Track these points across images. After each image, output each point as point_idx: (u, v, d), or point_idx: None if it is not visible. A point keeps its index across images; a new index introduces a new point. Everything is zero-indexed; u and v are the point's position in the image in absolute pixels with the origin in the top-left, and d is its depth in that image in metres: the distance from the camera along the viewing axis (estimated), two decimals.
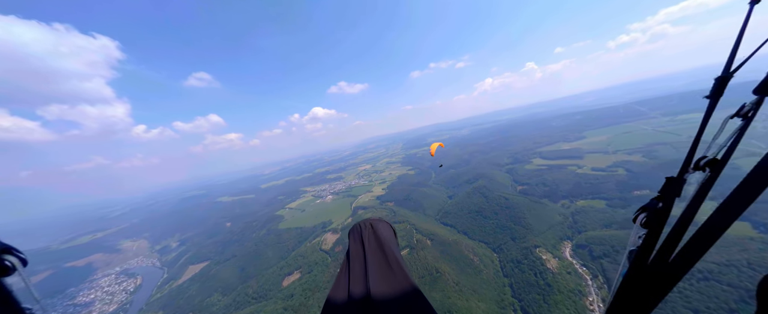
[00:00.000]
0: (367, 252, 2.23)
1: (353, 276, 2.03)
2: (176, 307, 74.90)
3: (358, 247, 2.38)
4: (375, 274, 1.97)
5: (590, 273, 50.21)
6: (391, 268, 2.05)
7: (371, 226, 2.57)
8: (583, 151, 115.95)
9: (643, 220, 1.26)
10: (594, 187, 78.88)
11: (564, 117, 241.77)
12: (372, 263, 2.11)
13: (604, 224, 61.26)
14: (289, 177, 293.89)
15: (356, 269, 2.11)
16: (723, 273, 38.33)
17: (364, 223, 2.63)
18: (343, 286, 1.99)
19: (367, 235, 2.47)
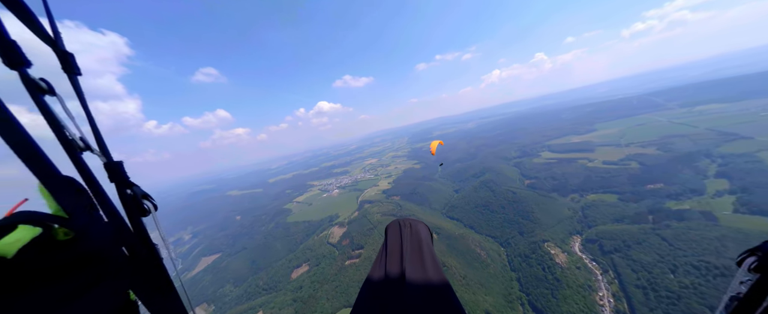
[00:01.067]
0: (404, 250, 2.24)
1: (390, 272, 2.04)
2: (191, 297, 77.51)
3: (396, 244, 2.37)
4: (412, 273, 1.98)
5: (600, 268, 49.50)
6: (426, 270, 2.06)
7: (411, 226, 2.57)
8: (593, 144, 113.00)
9: (752, 265, 1.04)
10: (605, 181, 77.04)
11: (574, 109, 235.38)
12: (409, 261, 2.12)
13: (616, 219, 59.97)
14: (296, 171, 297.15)
15: (393, 265, 2.12)
16: None
17: (403, 221, 2.64)
18: (379, 279, 2.03)
19: (407, 234, 2.46)
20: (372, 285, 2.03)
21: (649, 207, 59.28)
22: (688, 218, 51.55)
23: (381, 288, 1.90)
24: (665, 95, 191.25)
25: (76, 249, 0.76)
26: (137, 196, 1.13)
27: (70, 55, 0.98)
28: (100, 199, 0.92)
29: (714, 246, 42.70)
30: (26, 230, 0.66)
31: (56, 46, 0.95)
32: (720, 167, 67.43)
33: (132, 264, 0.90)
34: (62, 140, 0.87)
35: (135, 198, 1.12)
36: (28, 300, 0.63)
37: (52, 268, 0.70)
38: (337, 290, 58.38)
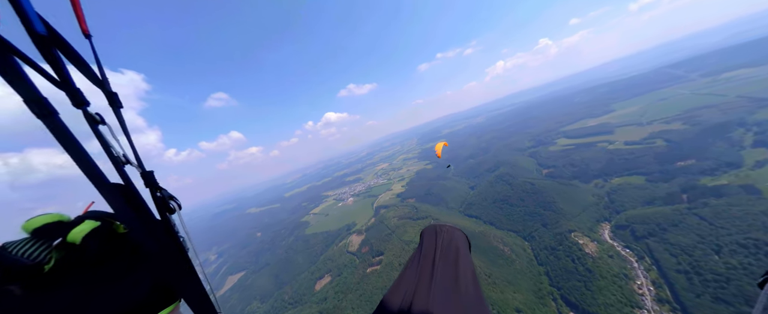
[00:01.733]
0: (436, 257, 2.12)
1: (420, 277, 1.94)
2: None
3: (431, 249, 2.25)
4: (441, 280, 1.87)
5: (635, 255, 46.61)
6: (458, 278, 1.91)
7: (447, 232, 2.44)
8: (612, 126, 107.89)
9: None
10: (629, 163, 73.12)
11: (587, 91, 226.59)
12: (441, 268, 2.00)
13: (646, 201, 56.57)
14: (310, 183, 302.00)
15: (424, 270, 2.02)
16: None
17: (440, 227, 2.51)
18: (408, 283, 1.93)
19: (442, 240, 2.33)
20: (400, 287, 1.96)
21: (682, 185, 55.52)
22: (727, 194, 47.79)
23: (408, 292, 1.82)
24: (685, 66, 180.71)
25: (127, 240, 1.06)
26: (165, 197, 1.42)
27: (115, 94, 1.33)
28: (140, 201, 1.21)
29: (761, 220, 39.25)
30: (89, 223, 0.94)
31: (104, 88, 1.30)
32: (757, 135, 62.43)
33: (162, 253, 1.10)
34: (111, 157, 1.19)
35: (163, 199, 1.42)
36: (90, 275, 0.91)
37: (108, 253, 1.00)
38: (362, 298, 58.10)
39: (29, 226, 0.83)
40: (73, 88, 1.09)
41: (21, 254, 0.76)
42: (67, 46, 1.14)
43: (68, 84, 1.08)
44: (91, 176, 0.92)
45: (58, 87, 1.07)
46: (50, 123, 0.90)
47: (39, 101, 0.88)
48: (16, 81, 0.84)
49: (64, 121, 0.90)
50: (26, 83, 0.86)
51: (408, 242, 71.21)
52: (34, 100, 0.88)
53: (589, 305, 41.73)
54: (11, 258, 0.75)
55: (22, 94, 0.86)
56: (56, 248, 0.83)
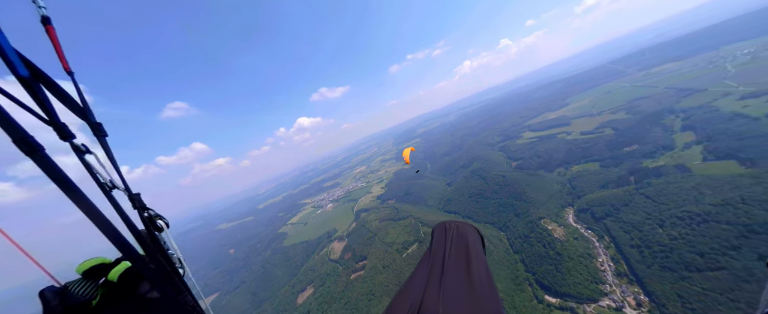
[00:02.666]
0: (447, 254, 2.14)
1: (431, 275, 1.96)
2: None
3: (441, 246, 2.27)
4: (452, 277, 1.89)
5: (596, 235, 51.02)
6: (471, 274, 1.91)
7: (457, 228, 2.43)
8: (569, 118, 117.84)
9: None
10: (585, 151, 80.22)
11: (545, 87, 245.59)
12: (452, 265, 2.01)
13: (601, 185, 62.33)
14: (285, 192, 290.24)
15: (435, 268, 2.03)
16: (720, 213, 39.38)
17: (450, 224, 2.51)
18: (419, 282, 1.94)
19: (452, 237, 2.33)
20: (410, 286, 1.97)
21: (629, 169, 62.10)
22: (665, 173, 54.34)
23: (419, 290, 1.83)
24: (624, 62, 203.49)
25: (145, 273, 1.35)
26: (152, 217, 1.66)
27: (100, 124, 1.51)
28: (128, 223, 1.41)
29: (692, 195, 45.11)
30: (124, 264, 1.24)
31: (88, 119, 1.47)
32: (684, 121, 71.92)
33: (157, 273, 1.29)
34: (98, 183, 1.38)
35: (151, 218, 1.64)
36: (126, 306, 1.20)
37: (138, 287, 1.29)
38: (347, 307, 56.78)
39: (80, 269, 1.12)
40: (59, 123, 1.23)
41: (76, 292, 1.07)
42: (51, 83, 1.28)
43: (54, 119, 1.21)
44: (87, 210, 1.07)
45: (45, 123, 1.21)
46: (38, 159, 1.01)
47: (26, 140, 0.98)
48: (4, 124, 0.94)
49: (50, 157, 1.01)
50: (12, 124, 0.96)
51: (390, 244, 71.17)
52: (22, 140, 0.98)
53: (560, 286, 44.83)
54: (72, 296, 1.06)
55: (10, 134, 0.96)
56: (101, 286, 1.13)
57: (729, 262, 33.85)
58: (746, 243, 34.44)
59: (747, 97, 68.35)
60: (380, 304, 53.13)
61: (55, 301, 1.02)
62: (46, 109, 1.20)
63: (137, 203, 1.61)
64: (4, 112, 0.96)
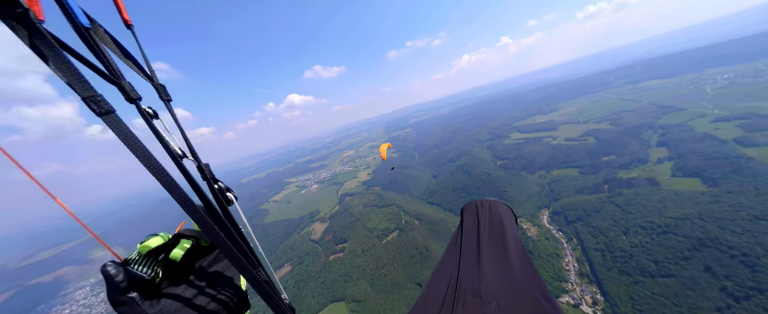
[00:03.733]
0: (481, 231, 2.05)
1: (465, 254, 1.91)
2: None
3: (473, 225, 2.16)
4: (490, 255, 1.84)
5: (565, 236, 54.18)
6: (508, 252, 1.84)
7: (490, 206, 2.32)
8: (556, 123, 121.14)
9: None
10: (567, 157, 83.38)
11: (538, 90, 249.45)
12: (488, 243, 1.94)
13: (577, 190, 65.51)
14: (270, 169, 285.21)
15: (469, 247, 1.96)
16: (678, 226, 42.68)
17: (481, 202, 2.39)
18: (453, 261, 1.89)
19: (485, 215, 2.21)
20: (444, 266, 1.90)
21: (605, 177, 65.43)
22: (636, 185, 57.75)
23: (454, 270, 1.78)
24: (615, 73, 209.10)
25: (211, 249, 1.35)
26: (222, 190, 1.54)
27: (163, 87, 1.42)
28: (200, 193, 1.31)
29: (657, 207, 48.43)
30: (186, 243, 1.24)
31: (153, 81, 1.41)
32: (660, 137, 75.85)
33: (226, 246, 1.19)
34: (169, 152, 1.27)
35: (221, 191, 1.53)
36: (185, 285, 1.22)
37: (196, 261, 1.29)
38: (323, 286, 58.08)
39: (144, 248, 1.09)
40: (124, 82, 1.13)
41: (140, 270, 1.06)
42: (112, 39, 1.19)
43: (119, 78, 1.12)
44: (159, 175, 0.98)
45: (110, 82, 1.11)
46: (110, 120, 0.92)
47: (96, 99, 0.89)
48: (72, 79, 0.86)
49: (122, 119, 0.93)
50: (82, 80, 0.88)
51: (372, 230, 72.40)
52: (92, 98, 0.89)
53: None
54: (135, 274, 1.04)
55: (80, 91, 0.88)
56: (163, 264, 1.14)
57: (679, 271, 37.18)
58: (696, 255, 37.80)
59: (719, 120, 72.67)
60: (356, 286, 54.73)
61: (120, 277, 1.00)
62: (109, 67, 1.12)
63: (207, 174, 1.48)
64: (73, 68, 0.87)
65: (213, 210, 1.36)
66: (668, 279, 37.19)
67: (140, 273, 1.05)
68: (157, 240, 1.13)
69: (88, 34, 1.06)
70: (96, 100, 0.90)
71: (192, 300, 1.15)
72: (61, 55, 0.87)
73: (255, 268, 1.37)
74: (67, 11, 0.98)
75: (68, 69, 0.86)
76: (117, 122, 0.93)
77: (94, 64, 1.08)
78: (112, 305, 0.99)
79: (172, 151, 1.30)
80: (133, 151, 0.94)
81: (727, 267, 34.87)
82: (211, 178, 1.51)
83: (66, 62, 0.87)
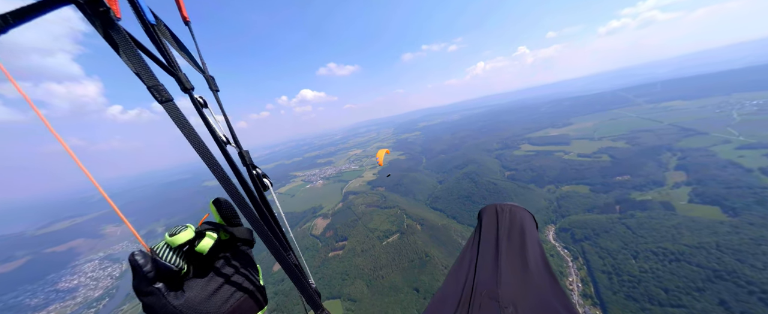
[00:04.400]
0: (500, 237, 1.94)
1: (482, 259, 1.81)
2: None
3: (492, 230, 2.05)
4: (509, 262, 1.74)
5: (571, 254, 52.61)
6: (527, 260, 1.75)
7: (510, 211, 2.19)
8: (570, 138, 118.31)
9: None
10: (579, 173, 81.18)
11: (553, 103, 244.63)
12: (507, 250, 1.83)
13: (587, 208, 63.61)
14: (278, 161, 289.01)
15: (486, 252, 1.86)
16: (693, 255, 40.78)
17: (501, 206, 2.26)
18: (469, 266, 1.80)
19: (505, 220, 2.09)
20: (460, 268, 1.83)
21: (617, 197, 63.32)
22: (650, 208, 55.62)
23: (471, 272, 1.72)
24: (635, 91, 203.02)
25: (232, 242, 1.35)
26: (260, 176, 1.67)
27: (212, 78, 1.58)
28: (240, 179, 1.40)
29: (671, 233, 46.45)
30: (211, 236, 1.19)
31: (204, 73, 1.57)
32: (679, 160, 72.94)
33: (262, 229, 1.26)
34: (215, 138, 1.41)
35: (259, 177, 1.66)
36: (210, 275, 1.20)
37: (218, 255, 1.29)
38: (321, 282, 58.12)
39: (174, 242, 1.06)
40: (180, 73, 1.28)
41: (167, 260, 1.04)
42: (172, 34, 1.36)
43: (176, 70, 1.28)
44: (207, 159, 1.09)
45: (169, 73, 1.27)
46: (169, 108, 1.04)
47: (159, 87, 1.04)
48: (140, 70, 1.01)
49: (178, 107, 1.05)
50: (148, 71, 1.03)
51: (373, 230, 72.17)
52: (155, 87, 1.03)
53: None
54: (163, 264, 1.02)
55: (145, 81, 1.02)
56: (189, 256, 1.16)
57: (690, 302, 35.47)
58: (711, 286, 35.99)
59: (745, 147, 69.36)
60: (353, 285, 54.56)
61: (148, 267, 0.99)
62: (169, 59, 1.27)
63: (247, 160, 1.62)
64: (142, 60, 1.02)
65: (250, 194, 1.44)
66: (678, 309, 35.51)
67: (169, 264, 1.04)
68: (188, 234, 1.11)
69: (153, 29, 1.21)
70: (158, 89, 1.03)
71: (214, 293, 1.14)
72: (133, 49, 1.01)
73: (286, 252, 1.45)
74: (138, 9, 1.15)
75: (137, 61, 1.01)
76: (174, 109, 1.04)
77: (157, 56, 1.23)
78: (138, 295, 0.98)
79: (218, 138, 1.43)
80: (187, 136, 1.04)
81: (744, 302, 33.05)
82: (251, 164, 1.63)
83: (136, 55, 1.01)
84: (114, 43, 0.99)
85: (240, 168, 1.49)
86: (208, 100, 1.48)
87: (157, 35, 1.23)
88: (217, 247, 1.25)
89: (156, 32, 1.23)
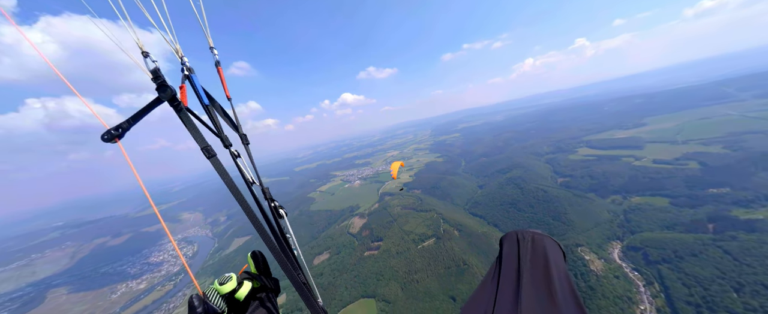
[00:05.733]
0: (522, 270, 1.80)
1: (501, 296, 1.70)
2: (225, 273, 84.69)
3: (512, 261, 1.92)
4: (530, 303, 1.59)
5: (643, 279, 44.51)
6: (554, 297, 1.59)
7: (533, 240, 2.00)
8: (642, 140, 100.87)
9: None
10: (655, 182, 68.55)
11: (620, 100, 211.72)
12: (529, 285, 1.69)
13: (666, 225, 53.23)
14: (320, 161, 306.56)
15: (506, 287, 1.74)
16: None
17: (523, 234, 2.09)
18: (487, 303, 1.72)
19: (527, 250, 1.94)
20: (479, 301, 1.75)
21: (710, 214, 51.61)
22: (761, 229, 43.99)
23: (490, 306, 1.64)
24: (737, 84, 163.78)
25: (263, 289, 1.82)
26: (277, 207, 2.18)
27: (245, 135, 2.19)
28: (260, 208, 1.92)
29: None
30: (248, 285, 1.67)
31: (239, 132, 2.17)
32: None
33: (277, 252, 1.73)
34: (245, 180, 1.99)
35: (276, 208, 2.17)
36: None
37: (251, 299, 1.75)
38: (356, 280, 59.55)
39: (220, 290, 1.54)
40: (223, 135, 1.92)
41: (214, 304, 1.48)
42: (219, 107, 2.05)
43: (221, 132, 1.91)
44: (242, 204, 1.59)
45: (216, 135, 1.90)
46: (214, 162, 1.57)
47: (208, 148, 1.59)
48: (197, 136, 1.56)
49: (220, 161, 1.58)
50: (201, 136, 1.58)
51: (408, 233, 71.40)
52: (205, 148, 1.58)
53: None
54: (210, 307, 1.46)
55: (199, 143, 1.56)
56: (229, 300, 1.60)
57: None
58: None
59: None
60: (387, 287, 54.59)
61: (200, 309, 1.39)
62: (216, 125, 1.88)
63: (268, 195, 2.14)
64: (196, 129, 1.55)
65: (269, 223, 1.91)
66: None
67: (215, 307, 1.45)
68: (232, 284, 1.55)
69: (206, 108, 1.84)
70: (207, 149, 1.58)
71: None
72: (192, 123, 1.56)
73: (297, 271, 1.82)
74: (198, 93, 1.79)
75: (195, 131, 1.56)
76: (218, 163, 1.56)
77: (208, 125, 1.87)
78: None
79: (247, 179, 2.01)
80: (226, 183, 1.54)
81: None
82: (270, 198, 2.15)
83: (195, 127, 1.56)
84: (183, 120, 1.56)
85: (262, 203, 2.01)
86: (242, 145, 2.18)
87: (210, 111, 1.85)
88: (250, 293, 1.69)
89: (209, 109, 1.86)
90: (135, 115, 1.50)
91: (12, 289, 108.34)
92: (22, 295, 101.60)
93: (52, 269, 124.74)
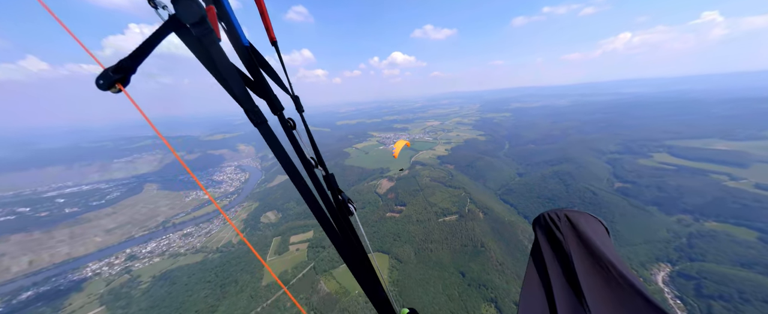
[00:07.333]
0: (573, 258, 1.63)
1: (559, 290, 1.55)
2: (266, 202, 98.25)
3: (557, 249, 1.77)
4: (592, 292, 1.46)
5: (686, 310, 39.87)
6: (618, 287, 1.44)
7: (569, 221, 1.80)
8: (750, 157, 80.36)
9: None
10: (747, 210, 56.17)
11: (738, 102, 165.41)
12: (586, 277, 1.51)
13: (742, 262, 44.82)
14: (360, 118, 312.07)
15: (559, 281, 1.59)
16: None
17: (555, 214, 1.89)
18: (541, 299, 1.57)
19: (569, 233, 1.76)
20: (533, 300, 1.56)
21: None
22: None
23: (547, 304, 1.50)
24: None
25: None
26: (345, 200, 1.75)
27: (298, 98, 1.68)
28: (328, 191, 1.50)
29: None
30: None
31: (290, 94, 1.65)
32: None
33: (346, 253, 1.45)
34: (303, 160, 1.46)
35: (344, 202, 1.75)
36: None
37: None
38: (375, 236, 64.24)
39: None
40: (272, 95, 1.40)
41: None
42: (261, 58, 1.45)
43: (268, 92, 1.39)
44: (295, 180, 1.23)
45: (260, 96, 1.38)
46: (263, 129, 1.17)
47: (255, 110, 1.16)
48: (241, 96, 1.12)
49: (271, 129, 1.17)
50: (248, 97, 1.15)
51: (432, 204, 72.21)
52: (251, 110, 1.15)
53: None
54: None
55: (245, 106, 1.14)
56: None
57: None
58: None
59: None
60: (402, 248, 58.07)
61: None
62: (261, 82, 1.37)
63: (333, 184, 1.70)
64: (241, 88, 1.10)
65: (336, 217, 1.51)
66: None
67: None
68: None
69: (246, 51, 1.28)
70: (254, 112, 1.15)
71: None
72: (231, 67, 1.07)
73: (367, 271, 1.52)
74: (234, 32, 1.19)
75: (239, 87, 1.11)
76: (268, 131, 1.18)
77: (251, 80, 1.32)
78: None
79: (306, 159, 1.52)
80: (278, 156, 1.19)
81: None
82: (336, 189, 1.69)
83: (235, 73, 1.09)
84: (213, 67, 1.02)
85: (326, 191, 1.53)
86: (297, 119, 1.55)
87: (252, 58, 1.29)
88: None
89: (250, 55, 1.29)
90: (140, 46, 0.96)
91: (123, 177, 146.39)
92: (129, 183, 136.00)
93: (147, 168, 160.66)
